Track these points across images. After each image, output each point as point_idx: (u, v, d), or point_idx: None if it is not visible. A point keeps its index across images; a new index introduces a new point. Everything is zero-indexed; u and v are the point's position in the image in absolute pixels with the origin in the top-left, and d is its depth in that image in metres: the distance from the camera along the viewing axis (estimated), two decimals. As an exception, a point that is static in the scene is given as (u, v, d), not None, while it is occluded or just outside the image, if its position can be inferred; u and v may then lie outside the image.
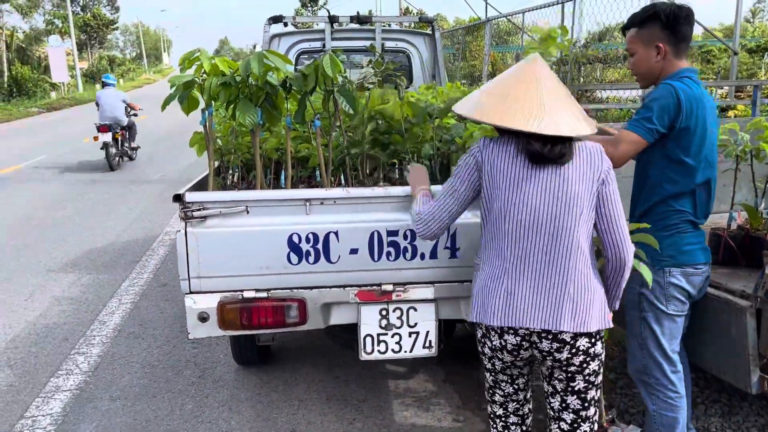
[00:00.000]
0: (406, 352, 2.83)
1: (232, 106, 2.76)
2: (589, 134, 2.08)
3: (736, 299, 2.55)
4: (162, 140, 16.13)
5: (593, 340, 2.09)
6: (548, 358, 2.10)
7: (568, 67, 9.23)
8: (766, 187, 2.99)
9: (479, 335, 2.20)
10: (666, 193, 2.44)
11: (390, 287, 2.74)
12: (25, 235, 7.36)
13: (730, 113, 6.30)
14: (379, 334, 2.80)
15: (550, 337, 2.06)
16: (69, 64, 35.97)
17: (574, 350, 2.07)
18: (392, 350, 2.82)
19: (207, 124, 2.78)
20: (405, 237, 2.69)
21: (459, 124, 3.15)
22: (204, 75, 2.74)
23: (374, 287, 2.75)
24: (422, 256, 2.72)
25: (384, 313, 2.79)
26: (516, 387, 2.27)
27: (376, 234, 2.68)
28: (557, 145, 2.02)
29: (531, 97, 2.04)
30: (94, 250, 6.67)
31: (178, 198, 2.58)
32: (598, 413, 2.22)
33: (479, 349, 2.24)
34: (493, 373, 2.26)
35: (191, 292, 2.68)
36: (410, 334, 2.81)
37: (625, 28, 2.58)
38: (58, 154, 13.93)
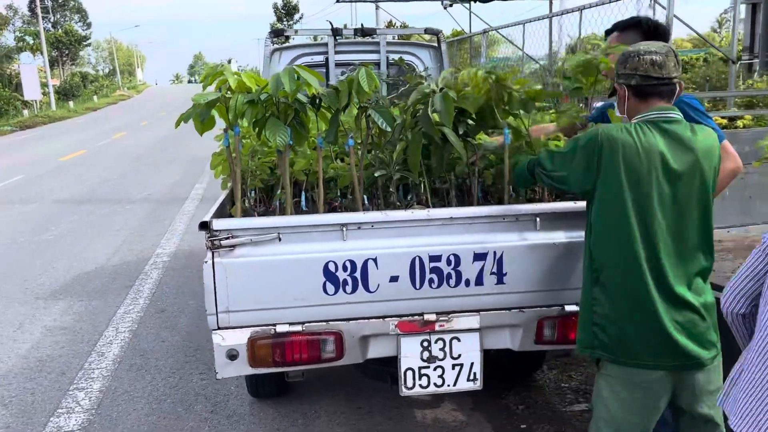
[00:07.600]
0: (449, 386, 2.64)
1: (258, 125, 2.56)
2: None
3: None
4: (143, 157, 15.78)
5: None
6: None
7: (553, 79, 9.23)
8: None
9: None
10: None
11: (433, 317, 2.55)
12: (8, 260, 7.02)
13: (739, 123, 6.27)
14: (420, 368, 2.61)
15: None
16: (41, 81, 35.33)
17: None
18: (435, 384, 2.63)
19: (232, 144, 2.58)
20: (448, 262, 2.51)
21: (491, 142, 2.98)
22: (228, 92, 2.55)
23: (416, 317, 2.55)
24: (467, 283, 2.54)
25: (426, 344, 2.60)
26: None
27: (417, 260, 2.50)
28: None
29: None
30: (83, 275, 6.36)
31: (204, 225, 2.37)
32: None
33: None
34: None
35: (219, 328, 2.46)
36: (453, 366, 2.62)
37: (608, 32, 2.85)
38: (37, 174, 13.50)
